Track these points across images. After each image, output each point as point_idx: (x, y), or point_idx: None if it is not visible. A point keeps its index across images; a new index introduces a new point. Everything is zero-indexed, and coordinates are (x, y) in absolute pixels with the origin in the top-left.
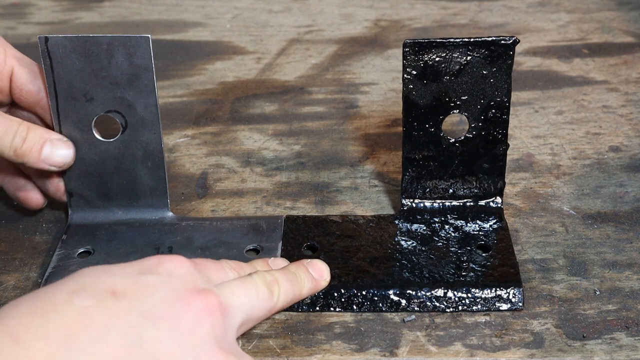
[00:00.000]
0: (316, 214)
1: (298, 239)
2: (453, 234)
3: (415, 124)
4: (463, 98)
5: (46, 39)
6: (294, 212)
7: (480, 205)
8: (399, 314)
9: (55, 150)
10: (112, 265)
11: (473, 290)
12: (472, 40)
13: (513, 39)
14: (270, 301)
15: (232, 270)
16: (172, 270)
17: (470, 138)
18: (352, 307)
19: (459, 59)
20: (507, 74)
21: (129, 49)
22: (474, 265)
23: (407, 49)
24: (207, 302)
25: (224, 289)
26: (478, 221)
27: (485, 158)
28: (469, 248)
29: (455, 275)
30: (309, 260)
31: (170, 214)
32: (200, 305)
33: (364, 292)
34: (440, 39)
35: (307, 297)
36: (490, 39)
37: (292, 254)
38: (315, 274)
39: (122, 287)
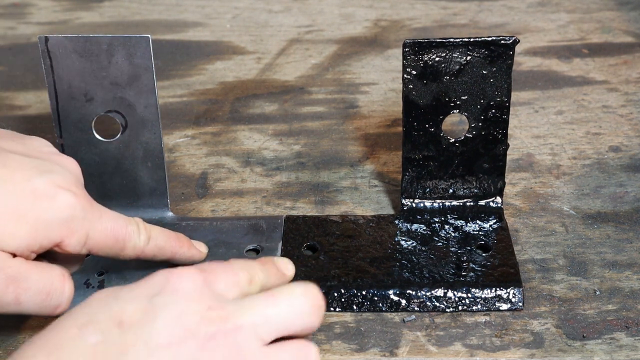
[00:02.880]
0: (316, 214)
1: (298, 239)
2: (453, 234)
3: (415, 124)
4: (463, 98)
5: (46, 39)
6: (294, 212)
7: (480, 205)
8: (399, 314)
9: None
10: (123, 288)
11: (473, 290)
12: (472, 40)
13: (513, 39)
14: (248, 289)
15: (243, 271)
16: (179, 287)
17: (470, 138)
18: (352, 307)
19: (459, 59)
20: (507, 74)
21: (129, 49)
22: (474, 265)
23: (407, 49)
24: (217, 326)
25: (242, 306)
26: (478, 221)
27: (485, 158)
28: (469, 248)
29: (455, 275)
30: (275, 257)
31: (170, 214)
32: (204, 330)
33: (364, 292)
34: (440, 39)
35: None
36: (490, 39)
37: (292, 254)
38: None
39: (129, 315)
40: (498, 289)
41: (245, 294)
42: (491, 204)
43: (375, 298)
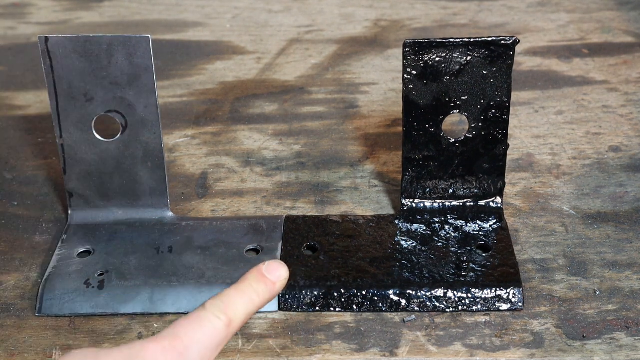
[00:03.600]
0: (316, 214)
1: (298, 239)
2: (453, 234)
3: (415, 124)
4: (463, 98)
5: (46, 39)
6: (294, 212)
7: (480, 205)
8: (399, 314)
9: None
10: (101, 351)
11: (473, 290)
12: (472, 40)
13: (513, 39)
14: (226, 333)
15: (218, 318)
16: None
17: (470, 138)
18: (352, 307)
19: (459, 59)
20: (507, 74)
21: (129, 49)
22: (474, 265)
23: (407, 49)
24: None
25: None
26: (478, 221)
27: (485, 158)
28: (469, 248)
29: (455, 275)
30: (267, 262)
31: (170, 214)
32: None
33: (364, 292)
34: (440, 39)
35: (306, 299)
36: (490, 39)
37: (292, 254)
38: (272, 277)
39: None
40: (498, 289)
41: (226, 337)
42: (491, 204)
43: (375, 298)
